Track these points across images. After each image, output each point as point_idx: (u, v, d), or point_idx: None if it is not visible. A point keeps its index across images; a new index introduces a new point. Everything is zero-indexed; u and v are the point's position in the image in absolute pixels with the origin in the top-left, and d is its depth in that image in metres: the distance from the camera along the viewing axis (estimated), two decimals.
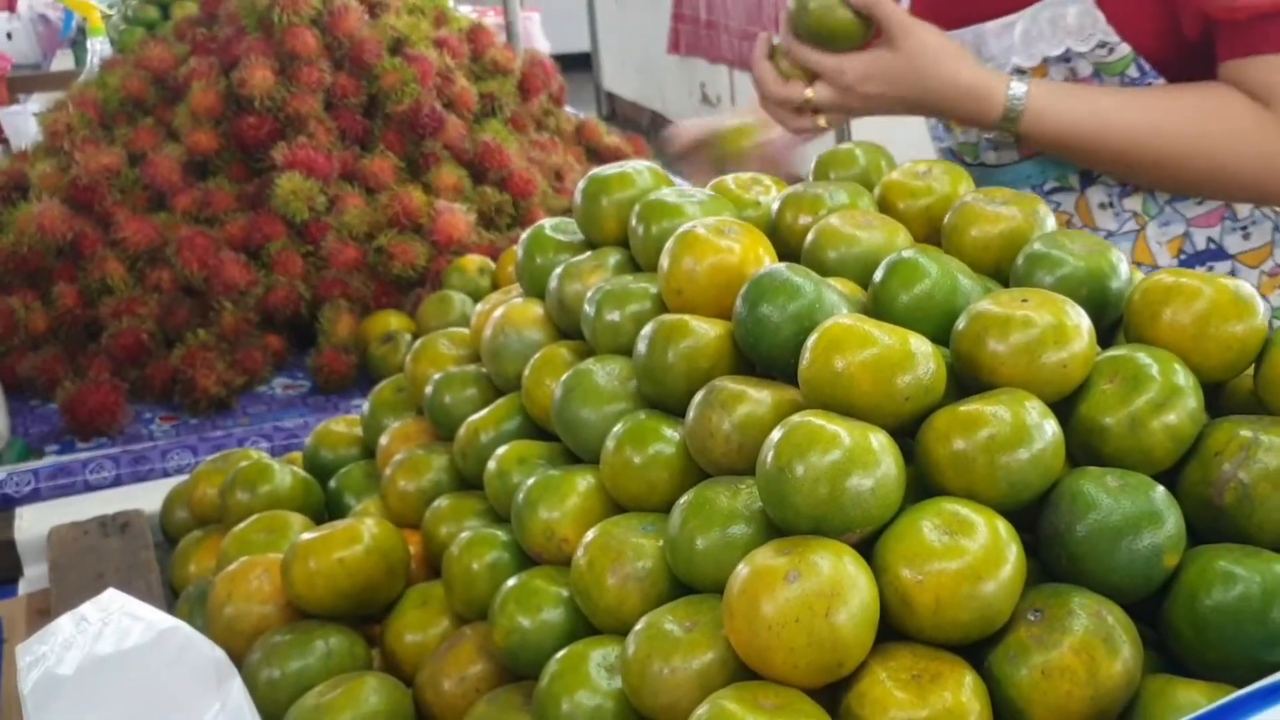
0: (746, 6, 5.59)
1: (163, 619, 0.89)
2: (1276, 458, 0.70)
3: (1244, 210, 1.29)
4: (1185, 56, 1.21)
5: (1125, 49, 1.21)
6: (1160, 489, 0.69)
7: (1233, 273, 1.30)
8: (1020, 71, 1.28)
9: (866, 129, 2.03)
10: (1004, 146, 1.34)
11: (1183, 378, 0.73)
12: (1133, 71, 1.23)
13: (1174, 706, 0.64)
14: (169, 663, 0.84)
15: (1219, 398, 0.81)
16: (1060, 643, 0.64)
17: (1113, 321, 0.83)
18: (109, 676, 0.86)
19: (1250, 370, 0.78)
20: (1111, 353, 0.76)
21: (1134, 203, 1.30)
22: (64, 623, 0.92)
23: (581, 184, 1.03)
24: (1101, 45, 1.21)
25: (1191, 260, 1.30)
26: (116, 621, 0.90)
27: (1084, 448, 0.74)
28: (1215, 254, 1.30)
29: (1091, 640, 0.64)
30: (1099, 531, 0.67)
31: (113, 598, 0.94)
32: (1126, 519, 0.67)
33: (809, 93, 1.26)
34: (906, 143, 1.43)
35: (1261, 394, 0.76)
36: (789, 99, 1.27)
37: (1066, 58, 1.24)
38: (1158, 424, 0.72)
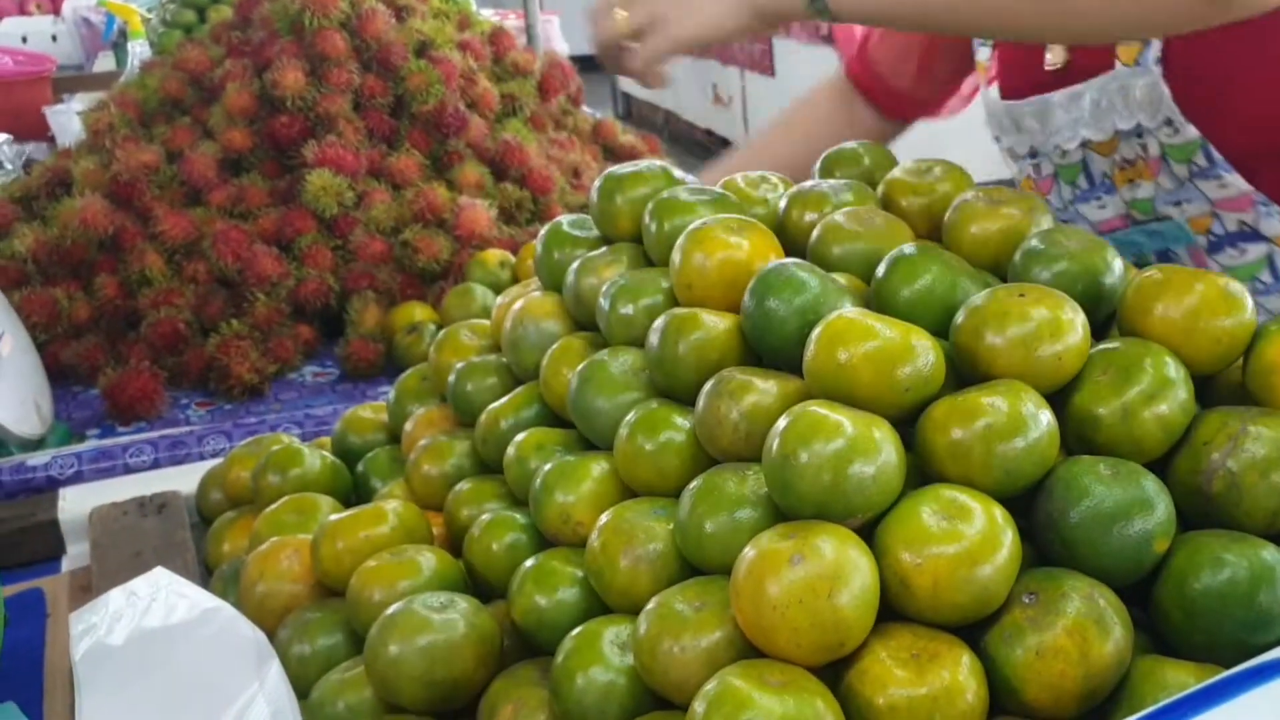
0: None
1: (207, 598, 0.90)
2: (1263, 447, 0.69)
3: None
4: (1250, 150, 1.11)
5: (1192, 132, 1.10)
6: (1151, 477, 0.69)
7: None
8: (1085, 144, 1.18)
9: None
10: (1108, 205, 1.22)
11: (1173, 370, 0.73)
12: (1200, 159, 1.12)
13: (1163, 686, 0.64)
14: (211, 640, 0.85)
15: (1209, 389, 0.80)
16: (1054, 624, 0.64)
17: (1107, 315, 0.83)
18: (155, 649, 0.87)
19: (1239, 363, 0.78)
20: (1105, 346, 0.76)
21: None
22: (115, 595, 0.93)
23: (597, 182, 1.03)
24: (1168, 123, 1.12)
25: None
26: (164, 598, 0.91)
27: (1078, 437, 0.74)
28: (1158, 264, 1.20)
29: (1084, 622, 0.64)
30: (1092, 518, 0.67)
31: (161, 575, 0.95)
32: (1118, 506, 0.67)
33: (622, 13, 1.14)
34: (907, 143, 1.43)
35: (1249, 386, 0.76)
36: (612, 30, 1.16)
37: (1138, 132, 1.14)
38: (1149, 414, 0.72)
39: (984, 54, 1.31)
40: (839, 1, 1.06)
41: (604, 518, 0.79)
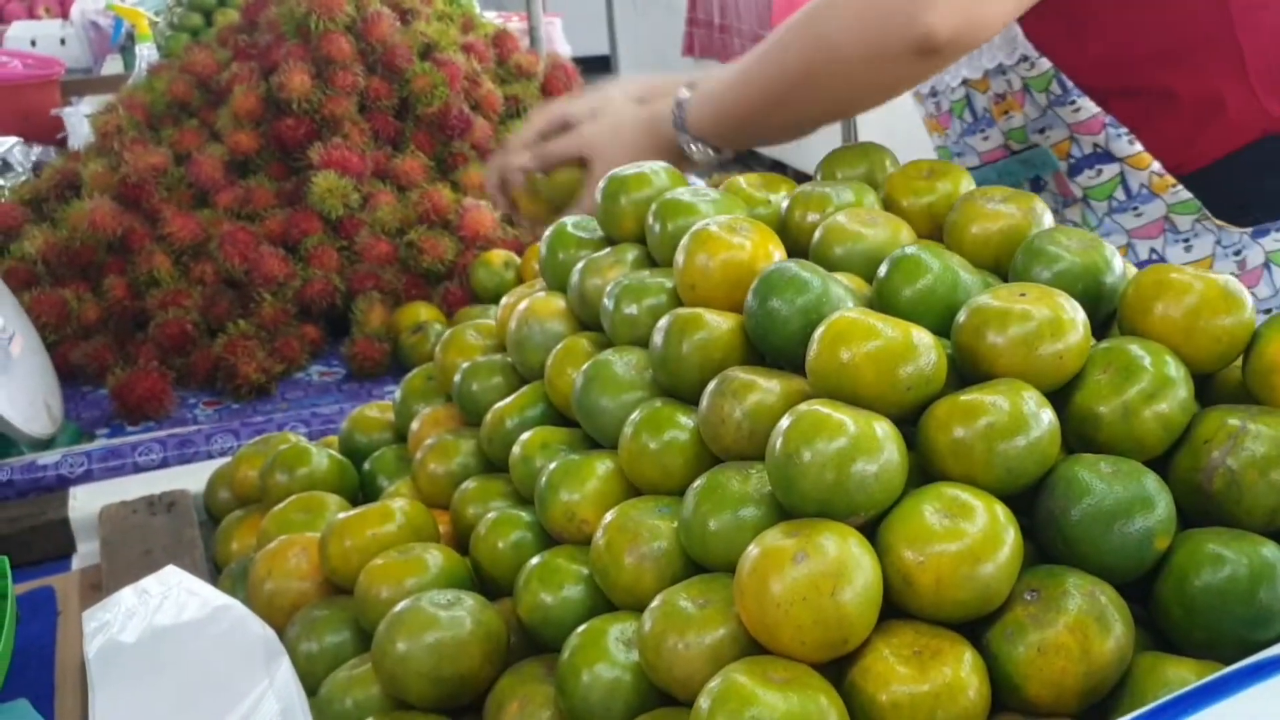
0: (758, 10, 5.57)
1: (217, 596, 0.90)
2: (1263, 445, 0.69)
3: (1184, 223, 1.25)
4: (1102, 84, 1.20)
5: (1045, 64, 1.20)
6: (1152, 475, 0.68)
7: None
8: (965, 82, 1.27)
9: (872, 132, 2.01)
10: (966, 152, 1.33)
11: (1174, 369, 0.73)
12: (1055, 88, 1.21)
13: (1164, 682, 0.64)
14: (221, 638, 0.85)
15: (1208, 388, 0.80)
16: (1055, 621, 0.64)
17: (1107, 315, 0.83)
18: (166, 647, 0.87)
19: (1238, 362, 0.78)
20: (1105, 344, 0.75)
21: (1072, 214, 1.28)
22: (127, 594, 0.93)
23: (601, 183, 1.03)
24: (1024, 60, 1.20)
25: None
26: (175, 596, 0.91)
27: (1079, 435, 0.74)
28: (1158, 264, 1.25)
29: (1085, 619, 0.64)
30: (1093, 515, 0.67)
31: (172, 573, 0.95)
32: (1119, 503, 0.67)
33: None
34: (910, 145, 1.42)
35: (1249, 384, 0.76)
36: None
37: (1002, 69, 1.23)
38: (1149, 413, 0.72)
39: None
40: (699, 126, 1.13)
41: (609, 516, 0.79)
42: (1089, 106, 1.21)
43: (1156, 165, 1.22)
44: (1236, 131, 1.20)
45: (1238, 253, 1.26)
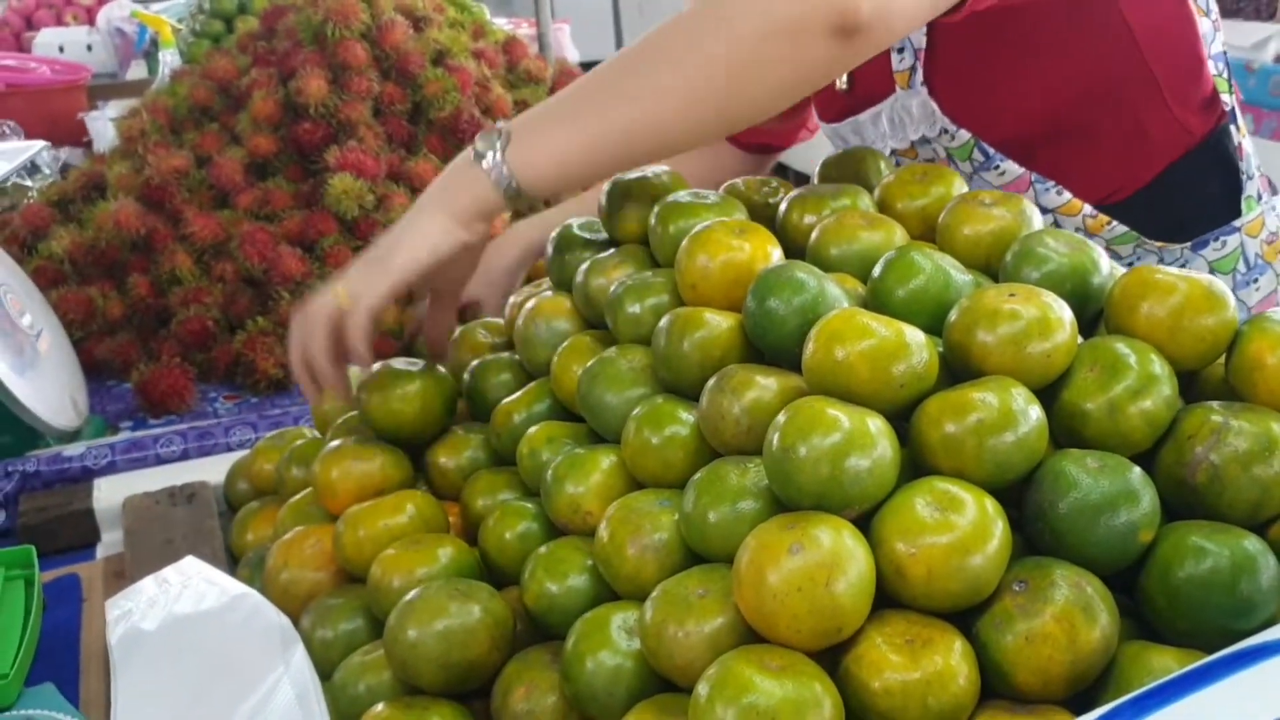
0: None
1: (235, 585, 0.90)
2: (1245, 441, 0.69)
3: (1125, 250, 1.21)
4: (1024, 139, 1.16)
5: (964, 135, 1.17)
6: (1137, 470, 0.68)
7: None
8: (894, 152, 1.24)
9: None
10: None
11: (1158, 367, 0.72)
12: (978, 155, 1.18)
13: (1148, 670, 0.63)
14: (239, 625, 0.85)
15: (1192, 385, 0.80)
16: (1043, 611, 0.64)
17: (1094, 314, 0.82)
18: (186, 634, 0.87)
19: (1221, 360, 0.77)
20: (1092, 343, 0.75)
21: None
22: (148, 583, 0.94)
23: (606, 186, 1.02)
24: (944, 131, 1.18)
25: None
26: (194, 585, 0.91)
27: (1066, 431, 0.73)
28: (1143, 265, 1.24)
29: (1072, 609, 0.63)
30: (1080, 509, 0.67)
31: (191, 563, 0.95)
32: (1105, 497, 0.67)
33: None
34: None
35: (1232, 382, 0.75)
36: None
37: (926, 140, 1.20)
38: (1135, 409, 0.71)
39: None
40: (526, 178, 0.91)
41: (612, 508, 0.79)
42: (1013, 169, 1.18)
43: (1088, 209, 1.19)
44: (1161, 153, 1.17)
45: (1182, 267, 1.23)
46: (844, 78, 1.26)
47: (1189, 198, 1.20)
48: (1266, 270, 1.27)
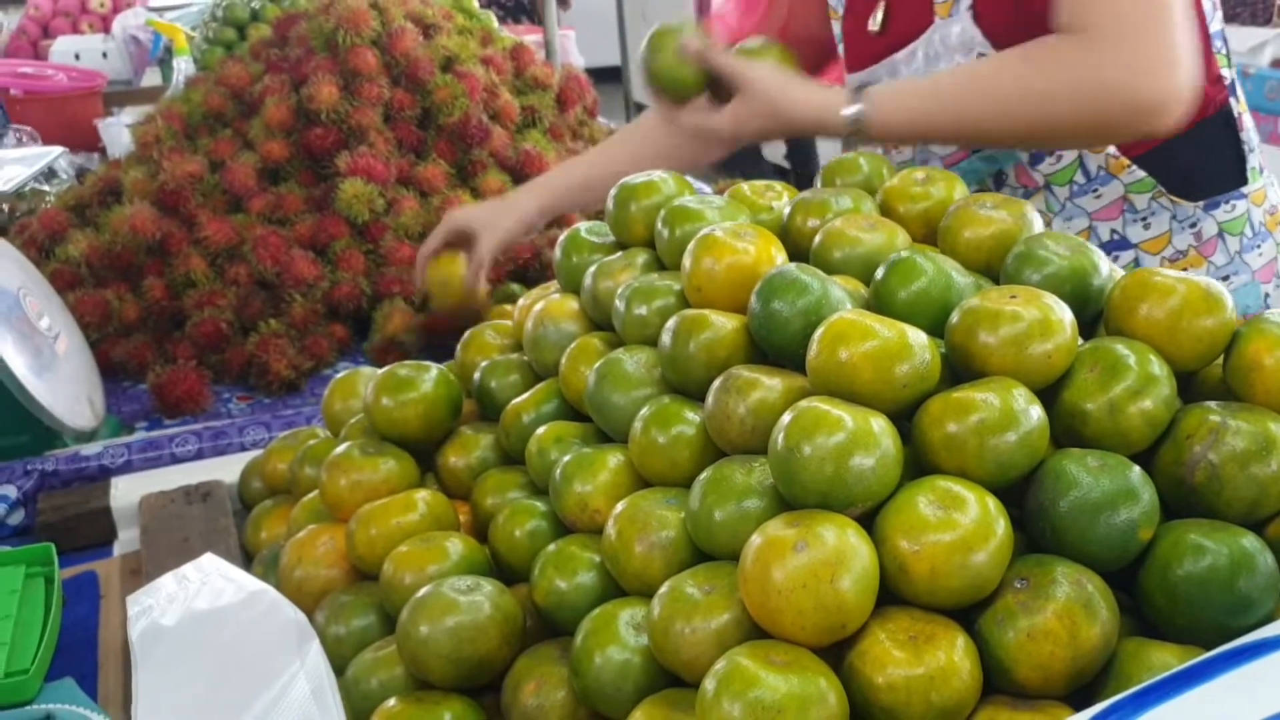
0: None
1: (252, 582, 0.90)
2: (1243, 440, 0.69)
3: (1141, 202, 1.25)
4: None
5: (1069, 157, 1.21)
6: (1136, 469, 0.68)
7: (1136, 261, 1.28)
8: (980, 186, 1.28)
9: None
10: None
11: (1157, 367, 0.72)
12: (1079, 178, 1.22)
13: (1147, 666, 0.63)
14: (256, 622, 0.85)
15: (1191, 385, 0.80)
16: (1044, 608, 0.64)
17: (1094, 315, 0.82)
18: (204, 630, 0.87)
19: (1219, 360, 0.77)
20: (1092, 344, 0.75)
21: (1036, 202, 1.27)
22: (168, 580, 0.94)
23: (613, 190, 1.02)
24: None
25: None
26: (213, 582, 0.91)
27: (1067, 431, 0.73)
28: (1119, 244, 1.27)
29: (1073, 606, 0.63)
30: (1080, 507, 0.67)
31: (210, 560, 0.95)
32: (1105, 496, 0.67)
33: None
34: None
35: (1230, 382, 0.75)
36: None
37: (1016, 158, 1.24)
38: (1134, 409, 0.71)
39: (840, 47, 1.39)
40: (881, 129, 1.14)
41: (620, 506, 0.79)
42: (1112, 191, 1.21)
43: (1111, 148, 1.23)
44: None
45: (1193, 225, 1.27)
46: (878, 18, 1.30)
47: (1202, 161, 1.25)
48: (1268, 238, 1.32)
